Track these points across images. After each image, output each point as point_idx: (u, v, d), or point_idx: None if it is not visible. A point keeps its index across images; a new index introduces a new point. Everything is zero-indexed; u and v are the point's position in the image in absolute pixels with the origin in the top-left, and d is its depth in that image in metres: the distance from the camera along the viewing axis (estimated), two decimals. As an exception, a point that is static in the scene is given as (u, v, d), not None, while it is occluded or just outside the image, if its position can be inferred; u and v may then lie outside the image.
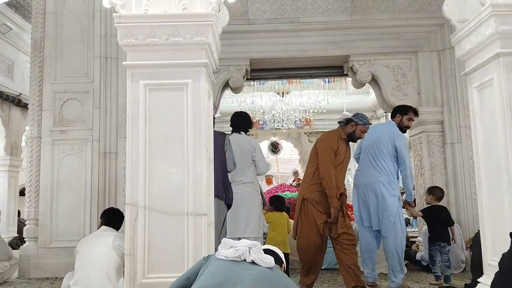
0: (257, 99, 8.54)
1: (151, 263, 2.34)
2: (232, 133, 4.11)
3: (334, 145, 3.58)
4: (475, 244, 3.03)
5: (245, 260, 1.68)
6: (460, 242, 4.62)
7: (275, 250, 1.88)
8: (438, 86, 5.18)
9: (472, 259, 3.18)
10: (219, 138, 3.64)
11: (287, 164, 15.26)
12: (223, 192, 3.57)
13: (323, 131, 10.98)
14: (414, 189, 4.22)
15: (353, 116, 3.78)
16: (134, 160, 2.39)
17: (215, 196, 3.47)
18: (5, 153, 7.53)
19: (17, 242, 6.94)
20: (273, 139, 12.10)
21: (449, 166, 5.11)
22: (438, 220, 4.03)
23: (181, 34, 2.40)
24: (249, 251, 1.69)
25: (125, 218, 2.40)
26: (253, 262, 1.67)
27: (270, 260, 1.71)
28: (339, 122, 3.84)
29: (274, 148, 11.98)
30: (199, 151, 2.40)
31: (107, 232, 3.07)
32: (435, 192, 4.28)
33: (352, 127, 3.69)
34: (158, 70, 2.44)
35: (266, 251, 1.80)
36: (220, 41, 2.79)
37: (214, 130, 3.82)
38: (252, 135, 10.91)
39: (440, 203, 4.29)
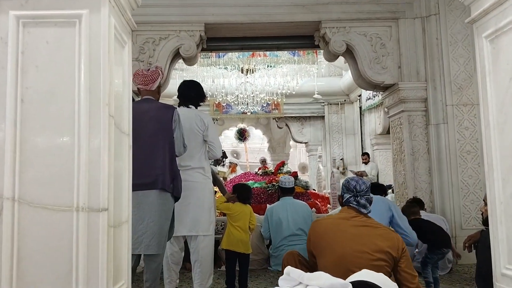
0: (219, 79, 7.66)
1: (22, 282, 1.54)
2: (179, 106, 3.28)
3: None
4: (483, 246, 2.32)
5: None
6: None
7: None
8: (421, 59, 4.52)
9: (478, 265, 2.47)
10: (166, 113, 2.82)
11: (257, 154, 14.58)
12: (170, 182, 2.74)
13: (293, 116, 10.46)
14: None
15: None
16: (-5, 128, 1.57)
17: (159, 189, 2.64)
18: None
19: None
20: (241, 125, 11.31)
21: (433, 150, 4.49)
22: (432, 227, 3.35)
23: None
24: None
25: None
26: None
27: None
28: None
29: (241, 135, 11.17)
30: (97, 116, 1.61)
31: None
32: (407, 211, 3.42)
33: None
34: (35, -6, 1.62)
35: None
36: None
37: (160, 103, 3.03)
38: (218, 119, 10.11)
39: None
